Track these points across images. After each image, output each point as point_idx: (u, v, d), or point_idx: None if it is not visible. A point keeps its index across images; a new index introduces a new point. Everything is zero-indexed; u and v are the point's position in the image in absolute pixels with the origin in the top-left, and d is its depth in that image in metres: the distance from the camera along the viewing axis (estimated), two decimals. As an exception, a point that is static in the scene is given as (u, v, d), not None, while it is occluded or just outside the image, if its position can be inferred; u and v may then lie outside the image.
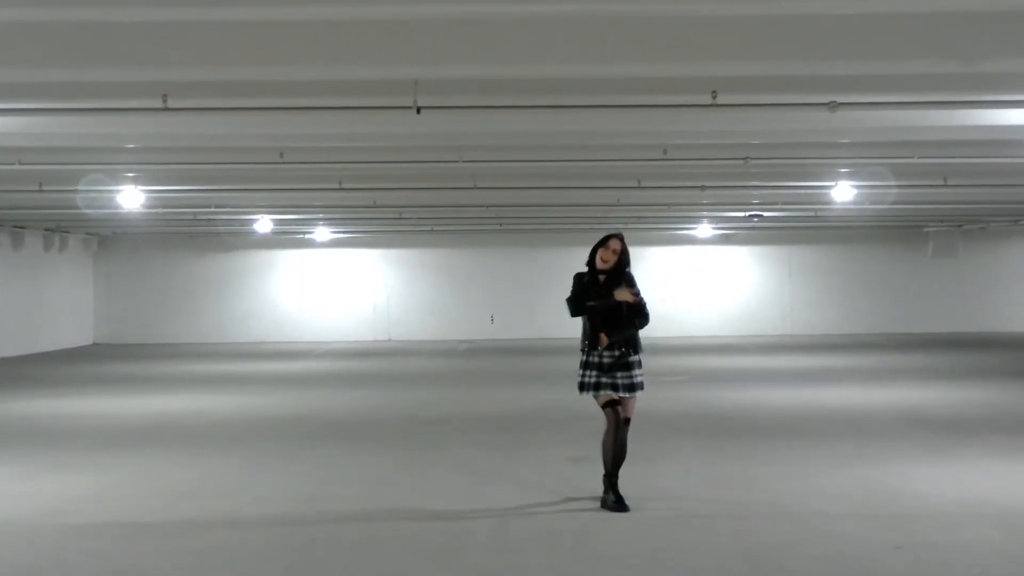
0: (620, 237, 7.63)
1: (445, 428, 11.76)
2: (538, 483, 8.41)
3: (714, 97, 8.58)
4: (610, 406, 7.50)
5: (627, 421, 7.56)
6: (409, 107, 8.51)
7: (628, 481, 7.76)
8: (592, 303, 7.49)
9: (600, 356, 7.49)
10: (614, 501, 7.43)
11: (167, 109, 8.66)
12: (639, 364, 7.57)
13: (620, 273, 7.56)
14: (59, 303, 26.55)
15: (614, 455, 7.49)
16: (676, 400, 13.95)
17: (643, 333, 7.66)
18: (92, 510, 7.78)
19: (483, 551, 6.52)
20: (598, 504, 7.53)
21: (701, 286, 28.61)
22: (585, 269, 7.67)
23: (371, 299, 28.65)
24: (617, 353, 7.47)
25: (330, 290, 28.60)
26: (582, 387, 7.56)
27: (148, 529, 7.14)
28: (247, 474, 9.16)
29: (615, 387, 7.46)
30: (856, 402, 13.54)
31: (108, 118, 9.40)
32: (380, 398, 14.89)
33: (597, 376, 7.48)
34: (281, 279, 28.71)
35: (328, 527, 7.12)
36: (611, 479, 7.50)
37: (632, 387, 7.50)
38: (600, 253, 7.57)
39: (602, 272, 7.56)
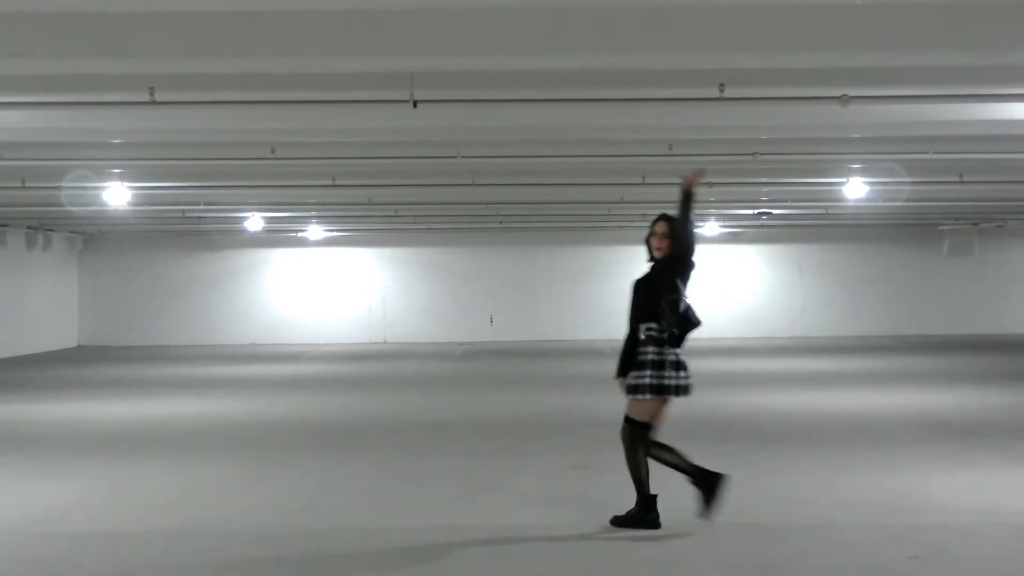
0: (666, 218, 7.32)
1: (442, 434, 11.74)
2: (540, 492, 8.40)
3: (721, 90, 8.57)
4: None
5: (625, 419, 7.31)
6: (406, 101, 8.50)
7: (631, 489, 7.72)
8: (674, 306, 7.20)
9: (677, 353, 7.21)
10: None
11: (154, 103, 8.64)
12: (646, 363, 7.30)
13: (671, 265, 7.29)
14: (43, 304, 26.54)
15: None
16: (682, 404, 13.88)
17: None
18: (76, 518, 7.76)
19: (482, 565, 6.50)
20: (600, 513, 7.48)
21: (708, 286, 28.53)
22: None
23: (366, 300, 28.64)
24: (645, 350, 7.21)
25: (323, 291, 28.59)
26: (678, 390, 7.21)
27: (135, 538, 7.12)
28: (236, 482, 9.14)
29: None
30: (869, 407, 13.52)
31: (93, 112, 9.39)
32: (375, 403, 14.87)
33: (687, 377, 7.23)
34: (272, 279, 28.70)
35: (320, 538, 7.09)
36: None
37: (630, 389, 7.27)
38: (651, 242, 7.33)
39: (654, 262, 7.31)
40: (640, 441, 7.22)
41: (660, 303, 7.23)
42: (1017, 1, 6.76)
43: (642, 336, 7.25)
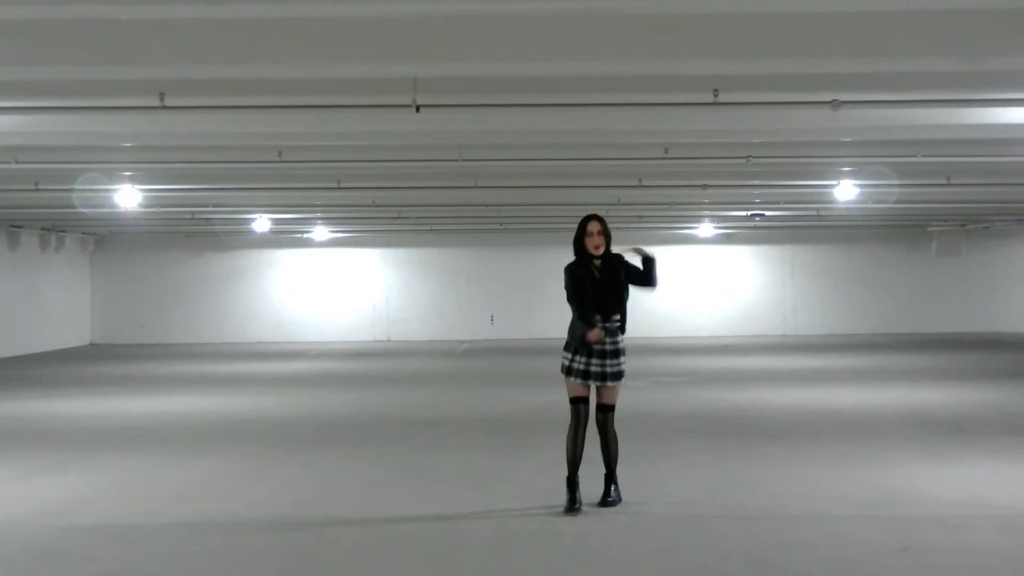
0: (597, 218, 7.71)
1: (444, 430, 11.75)
2: (538, 485, 8.40)
3: (716, 95, 8.58)
4: (582, 402, 7.57)
5: (612, 408, 7.64)
6: (408, 105, 8.50)
7: (629, 482, 7.75)
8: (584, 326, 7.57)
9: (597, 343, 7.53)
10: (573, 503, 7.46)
11: (164, 107, 8.65)
12: (624, 351, 7.65)
13: (612, 255, 7.66)
14: (56, 303, 26.54)
15: (606, 451, 7.67)
16: (677, 401, 13.94)
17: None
18: (88, 512, 7.77)
19: (482, 553, 6.51)
20: (598, 504, 7.52)
21: (702, 286, 28.59)
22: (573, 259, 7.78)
23: (370, 299, 28.64)
24: (617, 339, 7.55)
25: (329, 290, 28.59)
26: (569, 371, 7.59)
27: (145, 531, 7.13)
28: (244, 476, 9.14)
29: (603, 376, 7.52)
30: (859, 403, 13.52)
31: (105, 116, 9.40)
32: (378, 399, 14.87)
33: (587, 363, 7.52)
34: (279, 279, 28.70)
35: (326, 530, 7.10)
36: (573, 480, 7.52)
37: (620, 375, 7.59)
38: (587, 242, 7.64)
39: (596, 258, 7.64)
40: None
41: (624, 295, 7.66)
42: (1003, 8, 6.77)
43: (611, 324, 7.59)
